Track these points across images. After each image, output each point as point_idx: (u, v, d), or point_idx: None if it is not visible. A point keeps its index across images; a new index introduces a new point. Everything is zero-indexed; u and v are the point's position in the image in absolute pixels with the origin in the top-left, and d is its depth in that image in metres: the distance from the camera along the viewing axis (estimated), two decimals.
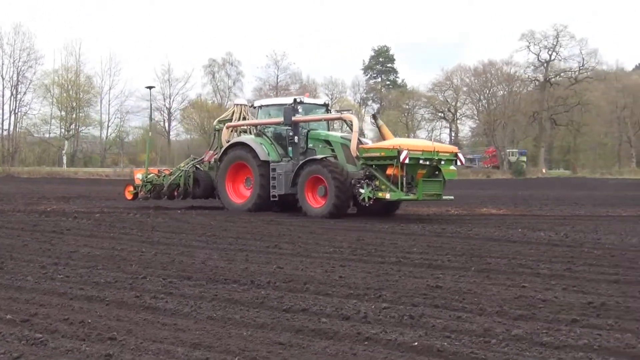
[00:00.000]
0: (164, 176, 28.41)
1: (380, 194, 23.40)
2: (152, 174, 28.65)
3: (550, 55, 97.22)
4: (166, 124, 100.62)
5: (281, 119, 26.48)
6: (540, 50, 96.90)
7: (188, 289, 11.40)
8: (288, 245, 17.32)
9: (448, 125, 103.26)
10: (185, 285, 11.81)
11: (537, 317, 9.59)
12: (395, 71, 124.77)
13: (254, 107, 29.32)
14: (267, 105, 28.68)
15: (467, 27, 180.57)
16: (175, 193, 28.78)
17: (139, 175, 28.82)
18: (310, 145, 26.65)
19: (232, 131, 29.04)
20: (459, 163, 24.99)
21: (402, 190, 23.18)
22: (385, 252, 16.12)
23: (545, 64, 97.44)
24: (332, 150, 25.91)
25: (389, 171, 23.40)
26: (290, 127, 26.50)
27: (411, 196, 23.53)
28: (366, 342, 8.27)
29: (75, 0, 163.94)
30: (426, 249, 16.77)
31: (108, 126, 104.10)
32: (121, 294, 11.04)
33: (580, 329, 8.91)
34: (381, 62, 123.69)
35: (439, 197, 24.51)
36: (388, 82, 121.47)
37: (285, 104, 27.22)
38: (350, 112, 29.39)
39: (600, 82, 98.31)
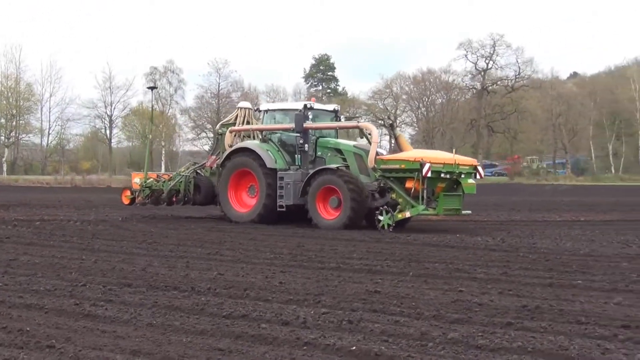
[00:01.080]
0: (164, 182, 26.82)
1: (399, 216, 22.12)
2: (150, 179, 27.09)
3: (487, 64, 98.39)
4: (107, 131, 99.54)
5: (290, 125, 24.97)
6: (478, 59, 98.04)
7: (128, 296, 11.31)
8: (229, 252, 17.27)
9: (387, 132, 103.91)
10: (125, 292, 11.71)
11: (473, 320, 9.69)
12: (335, 79, 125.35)
13: (259, 111, 27.72)
14: (274, 110, 27.08)
15: (408, 36, 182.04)
16: (175, 199, 27.45)
17: (136, 180, 27.32)
18: (319, 153, 25.03)
19: (235, 136, 27.27)
20: (478, 176, 23.52)
21: (422, 204, 21.90)
22: (325, 258, 16.15)
23: (482, 73, 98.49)
24: (344, 159, 24.34)
25: (409, 184, 22.07)
26: (299, 134, 24.72)
27: (430, 211, 22.35)
28: (305, 347, 8.28)
29: (15, 7, 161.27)
30: (365, 255, 16.83)
31: (49, 134, 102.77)
32: (60, 302, 10.90)
33: (514, 331, 9.02)
34: (322, 71, 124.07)
35: (458, 212, 23.19)
36: (329, 90, 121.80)
37: (293, 109, 25.84)
38: (363, 119, 28.03)
39: (536, 90, 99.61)
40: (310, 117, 25.34)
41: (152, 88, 40.94)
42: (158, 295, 11.44)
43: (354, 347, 8.19)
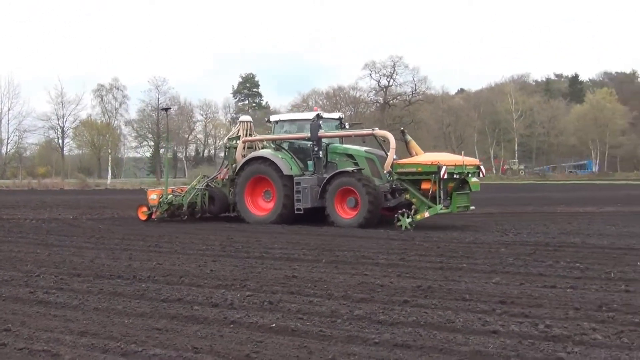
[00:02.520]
0: (182, 196, 24.48)
1: (419, 217, 20.64)
2: (170, 195, 24.52)
3: (389, 82, 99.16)
4: (60, 141, 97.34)
5: (304, 134, 23.39)
6: (380, 78, 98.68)
7: (77, 285, 11.11)
8: (167, 244, 17.07)
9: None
10: (74, 281, 11.50)
11: (376, 299, 9.77)
12: (260, 95, 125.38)
13: (269, 122, 25.87)
14: (284, 121, 25.22)
15: (322, 58, 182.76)
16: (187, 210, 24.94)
17: (153, 196, 24.58)
18: (329, 158, 23.54)
19: (245, 148, 25.23)
20: (481, 175, 22.18)
21: (439, 204, 20.59)
22: (251, 248, 16.08)
23: (384, 89, 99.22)
24: (355, 163, 22.85)
25: (425, 186, 20.74)
26: (314, 142, 23.07)
27: (444, 210, 20.92)
28: (232, 325, 8.25)
29: None
30: (285, 245, 16.81)
31: (7, 143, 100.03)
32: (16, 291, 10.66)
33: (410, 308, 9.12)
34: (248, 87, 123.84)
35: (467, 208, 21.92)
36: (254, 104, 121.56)
37: (301, 119, 24.65)
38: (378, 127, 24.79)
39: (430, 104, 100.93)
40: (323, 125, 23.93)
41: (166, 109, 37.36)
42: (104, 283, 11.26)
43: (274, 324, 8.19)
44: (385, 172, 21.87)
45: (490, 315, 8.63)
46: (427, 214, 20.61)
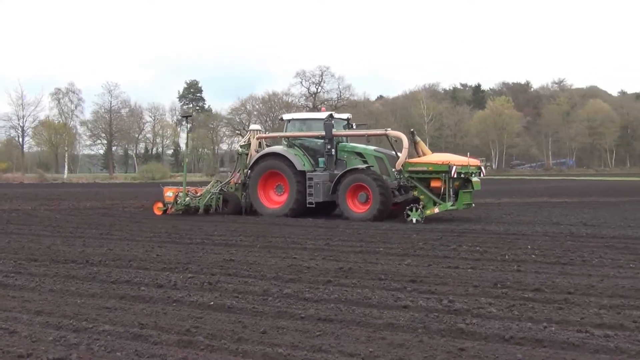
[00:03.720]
0: (199, 199, 22.93)
1: (428, 212, 19.73)
2: (188, 198, 22.86)
3: (317, 89, 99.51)
4: (20, 139, 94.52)
5: (319, 132, 22.10)
6: (310, 85, 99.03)
7: (34, 269, 10.80)
8: (118, 232, 16.75)
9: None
10: (32, 265, 11.19)
11: (303, 279, 9.79)
12: (203, 99, 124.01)
13: (282, 120, 24.38)
14: (297, 119, 23.72)
15: (258, 67, 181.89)
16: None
17: (169, 193, 23.04)
18: (338, 156, 22.27)
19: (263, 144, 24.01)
20: (482, 175, 21.29)
21: (450, 201, 19.72)
22: (194, 235, 15.91)
23: (313, 95, 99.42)
24: (364, 161, 21.70)
25: (435, 184, 19.88)
26: (327, 140, 21.85)
27: (452, 207, 20.04)
28: (174, 304, 8.15)
29: None
30: (224, 232, 16.70)
31: None
32: None
33: (333, 287, 9.17)
34: (192, 92, 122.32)
35: (469, 205, 20.96)
36: (197, 108, 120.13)
37: (313, 119, 23.36)
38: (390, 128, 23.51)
39: (353, 109, 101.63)
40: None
41: (186, 116, 33.34)
42: (59, 267, 10.99)
43: (212, 303, 8.14)
44: (396, 170, 20.93)
45: (402, 292, 8.74)
46: (437, 210, 19.88)
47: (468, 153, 22.14)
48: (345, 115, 24.03)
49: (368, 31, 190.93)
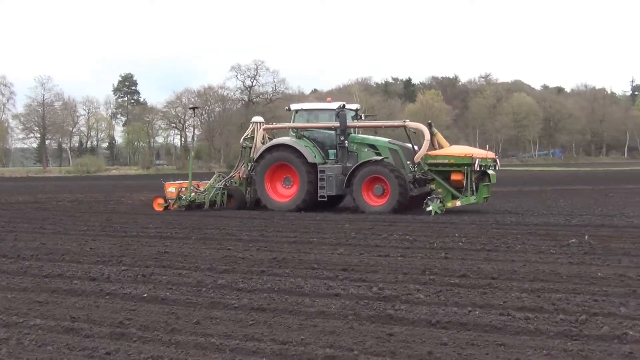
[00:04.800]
0: (204, 194, 21.56)
1: (449, 204, 18.87)
2: (193, 194, 21.38)
3: (252, 82, 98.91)
4: None
5: (331, 124, 20.80)
6: (245, 79, 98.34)
7: None
8: (51, 226, 16.31)
9: (179, 133, 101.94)
10: None
11: (237, 270, 9.74)
12: (138, 92, 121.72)
13: (289, 110, 22.63)
14: (305, 110, 22.16)
15: (193, 61, 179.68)
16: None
17: (171, 189, 21.44)
18: (350, 148, 20.88)
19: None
20: (497, 167, 20.19)
21: (472, 194, 18.95)
22: (128, 228, 15.61)
23: (248, 89, 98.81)
24: (377, 153, 20.39)
25: (456, 177, 18.99)
26: (338, 132, 20.53)
27: (475, 200, 19.19)
28: (107, 297, 8.01)
29: None
30: (160, 225, 16.43)
31: None
32: None
33: (266, 277, 9.15)
34: (127, 86, 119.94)
35: (487, 199, 19.96)
36: (133, 101, 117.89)
37: (322, 109, 21.94)
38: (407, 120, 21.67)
39: (288, 101, 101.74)
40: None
41: (194, 108, 29.62)
42: None
43: (146, 295, 8.02)
44: (414, 163, 19.82)
45: (333, 281, 8.79)
46: (458, 203, 18.99)
47: (487, 146, 21.53)
48: (354, 106, 22.75)
49: (301, 26, 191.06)
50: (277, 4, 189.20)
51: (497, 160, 20.54)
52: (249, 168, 21.77)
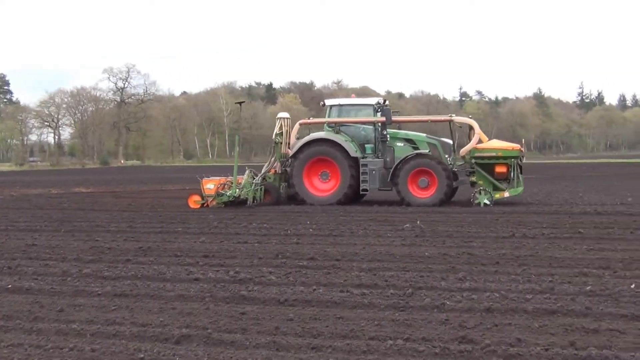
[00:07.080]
0: (247, 190, 18.89)
1: (497, 195, 17.79)
2: (237, 190, 18.79)
3: (124, 84, 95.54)
4: None
5: (370, 118, 19.33)
6: (117, 81, 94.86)
7: None
8: None
9: (52, 131, 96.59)
10: None
11: (103, 260, 9.39)
12: (10, 92, 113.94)
13: (324, 106, 20.90)
14: (341, 105, 20.36)
15: (66, 64, 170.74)
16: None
17: (210, 186, 19.05)
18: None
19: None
20: (524, 159, 19.12)
21: (518, 186, 17.99)
22: None
23: (120, 90, 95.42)
24: (415, 148, 18.99)
25: (500, 169, 17.98)
26: (380, 126, 19.05)
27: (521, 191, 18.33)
28: None
29: None
30: (30, 219, 15.45)
31: None
32: None
33: (131, 265, 8.89)
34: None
35: (522, 191, 18.72)
36: (5, 100, 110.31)
37: (358, 104, 20.32)
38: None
39: (159, 103, 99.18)
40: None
41: (240, 102, 25.32)
42: None
43: (10, 286, 7.56)
44: (460, 156, 18.82)
45: (194, 267, 8.69)
46: (507, 194, 18.01)
47: (522, 140, 20.79)
48: (374, 100, 20.72)
49: (171, 31, 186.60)
50: (146, 9, 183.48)
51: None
52: (284, 163, 20.10)
